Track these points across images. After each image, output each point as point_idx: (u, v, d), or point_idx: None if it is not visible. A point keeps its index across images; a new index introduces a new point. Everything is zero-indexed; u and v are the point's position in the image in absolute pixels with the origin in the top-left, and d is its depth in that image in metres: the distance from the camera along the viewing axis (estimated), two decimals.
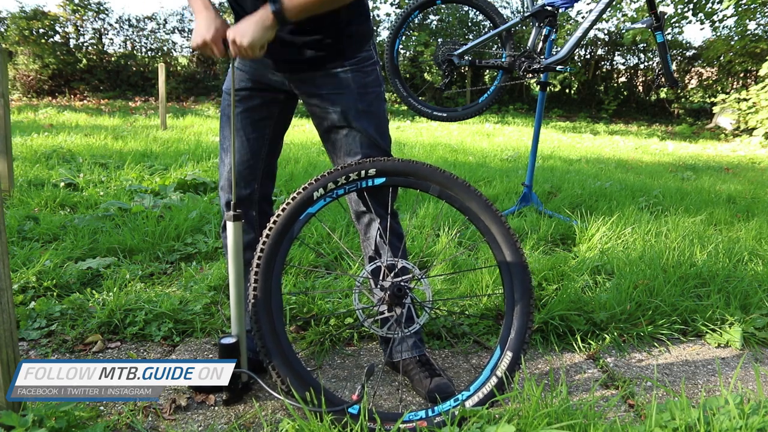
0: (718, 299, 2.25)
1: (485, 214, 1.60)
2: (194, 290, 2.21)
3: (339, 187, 1.55)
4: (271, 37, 1.38)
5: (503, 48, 3.38)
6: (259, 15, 1.35)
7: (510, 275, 1.58)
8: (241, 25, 1.37)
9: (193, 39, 1.42)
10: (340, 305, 2.13)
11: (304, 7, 1.34)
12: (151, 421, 1.46)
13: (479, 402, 1.45)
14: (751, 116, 10.01)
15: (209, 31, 1.38)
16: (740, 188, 5.15)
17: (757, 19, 12.04)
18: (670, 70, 3.33)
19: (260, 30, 1.35)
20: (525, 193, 3.74)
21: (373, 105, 1.59)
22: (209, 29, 1.38)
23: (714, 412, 1.33)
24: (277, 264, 1.48)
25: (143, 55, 14.92)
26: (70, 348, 1.82)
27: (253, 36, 1.34)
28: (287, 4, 1.34)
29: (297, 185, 4.03)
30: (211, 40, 1.38)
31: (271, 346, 1.41)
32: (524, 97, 15.02)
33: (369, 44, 1.60)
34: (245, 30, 1.35)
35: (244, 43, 1.35)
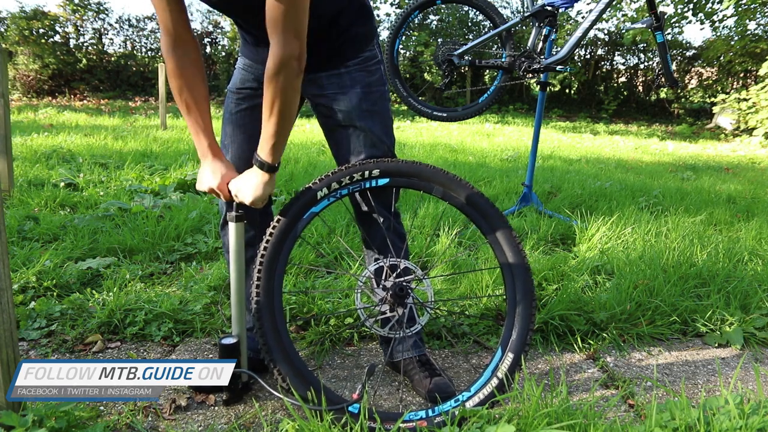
0: (718, 299, 2.25)
1: (487, 215, 1.60)
2: (194, 290, 2.21)
3: (343, 187, 1.55)
4: (272, 189, 1.45)
5: (503, 48, 3.38)
6: (256, 176, 1.42)
7: (512, 276, 1.58)
8: (242, 182, 1.44)
9: (199, 184, 1.50)
10: (340, 305, 2.13)
11: (280, 143, 1.40)
12: (151, 421, 1.46)
13: (480, 402, 1.45)
14: (751, 116, 10.02)
15: (215, 179, 1.46)
16: (740, 188, 5.15)
17: (757, 19, 12.04)
18: (670, 70, 3.33)
19: (260, 189, 1.42)
20: (525, 193, 3.74)
21: (378, 104, 1.59)
22: (215, 177, 1.46)
23: (714, 412, 1.33)
24: (279, 262, 1.48)
25: (143, 55, 14.93)
26: (70, 348, 1.82)
27: (255, 196, 1.42)
28: (268, 156, 1.39)
29: (297, 185, 4.03)
30: (218, 188, 1.47)
31: (273, 344, 1.41)
32: (524, 97, 15.03)
33: (372, 44, 1.60)
34: (246, 191, 1.42)
35: (246, 203, 1.43)
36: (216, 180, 1.46)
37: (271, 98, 1.32)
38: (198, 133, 1.46)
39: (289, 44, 1.26)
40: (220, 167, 1.47)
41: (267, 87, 1.31)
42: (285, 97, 1.32)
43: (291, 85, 1.31)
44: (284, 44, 1.25)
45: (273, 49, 1.27)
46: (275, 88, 1.30)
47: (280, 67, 1.27)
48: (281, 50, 1.26)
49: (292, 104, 1.35)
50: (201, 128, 1.46)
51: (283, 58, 1.26)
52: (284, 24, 1.24)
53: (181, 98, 1.43)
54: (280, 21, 1.23)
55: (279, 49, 1.26)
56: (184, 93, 1.42)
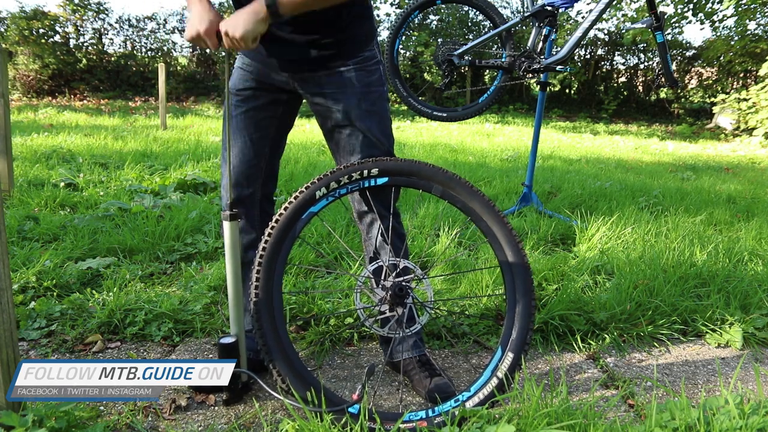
0: (718, 299, 2.25)
1: (487, 214, 1.60)
2: (194, 290, 2.21)
3: (341, 186, 1.55)
4: (263, 29, 1.37)
5: (503, 48, 3.38)
6: (253, 7, 1.34)
7: (512, 276, 1.58)
8: (233, 17, 1.36)
9: (186, 31, 1.41)
10: (340, 305, 2.13)
11: (299, 3, 1.33)
12: (151, 421, 1.45)
13: (480, 402, 1.45)
14: (751, 116, 10.02)
15: (202, 23, 1.37)
16: (740, 188, 5.15)
17: (757, 19, 12.05)
18: (670, 70, 3.33)
19: (252, 22, 1.34)
20: (525, 193, 3.74)
21: (377, 104, 1.59)
22: (202, 22, 1.37)
23: (714, 412, 1.33)
24: (279, 263, 1.47)
25: (143, 55, 14.92)
26: (70, 348, 1.82)
27: (245, 28, 1.33)
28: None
29: (297, 185, 4.03)
30: (205, 33, 1.38)
31: (273, 345, 1.41)
32: (524, 97, 15.03)
33: (372, 43, 1.60)
34: (237, 22, 1.34)
35: (236, 35, 1.34)
36: (203, 25, 1.37)
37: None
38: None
39: None
40: (208, 13, 1.39)
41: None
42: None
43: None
44: None
45: None
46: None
47: None
48: None
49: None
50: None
51: None
52: None
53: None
54: None
55: None
56: None
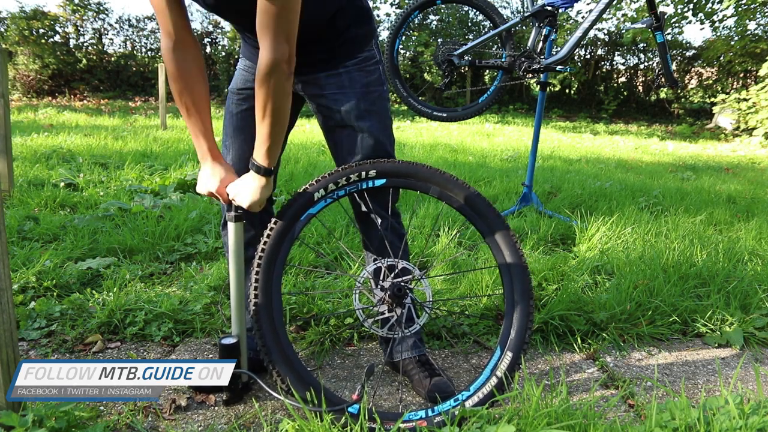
0: (718, 299, 2.25)
1: (485, 214, 1.60)
2: (194, 290, 2.21)
3: (340, 188, 1.55)
4: (269, 192, 1.45)
5: (503, 48, 3.38)
6: (252, 180, 1.42)
7: (510, 276, 1.58)
8: (240, 185, 1.44)
9: (198, 187, 1.50)
10: (340, 305, 2.13)
11: (274, 147, 1.39)
12: (151, 421, 1.46)
13: (479, 402, 1.45)
14: (751, 116, 10.02)
15: (214, 183, 1.47)
16: (740, 188, 5.15)
17: (757, 19, 12.05)
18: (670, 70, 3.33)
19: (258, 193, 1.42)
20: (525, 193, 3.74)
21: (376, 104, 1.59)
22: (214, 181, 1.47)
23: (714, 412, 1.33)
24: (277, 264, 1.48)
25: (143, 55, 14.93)
26: (70, 348, 1.82)
27: (251, 200, 1.42)
28: (264, 160, 1.39)
29: (297, 185, 4.03)
30: (217, 192, 1.47)
31: (272, 346, 1.41)
32: (524, 97, 15.03)
33: (371, 44, 1.60)
34: (244, 195, 1.42)
35: (244, 206, 1.44)
36: (215, 184, 1.46)
37: (263, 101, 1.32)
38: (198, 136, 1.46)
39: (279, 48, 1.25)
40: (219, 171, 1.47)
41: (258, 90, 1.31)
42: (276, 100, 1.31)
43: (282, 88, 1.31)
44: (274, 48, 1.25)
45: (262, 52, 1.26)
46: (266, 91, 1.30)
47: (270, 70, 1.27)
48: (271, 54, 1.25)
49: (284, 107, 1.35)
50: (201, 131, 1.46)
51: (273, 61, 1.26)
52: (274, 28, 1.23)
53: (181, 101, 1.43)
54: (270, 25, 1.23)
55: (269, 52, 1.26)
56: (184, 96, 1.42)
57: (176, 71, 1.39)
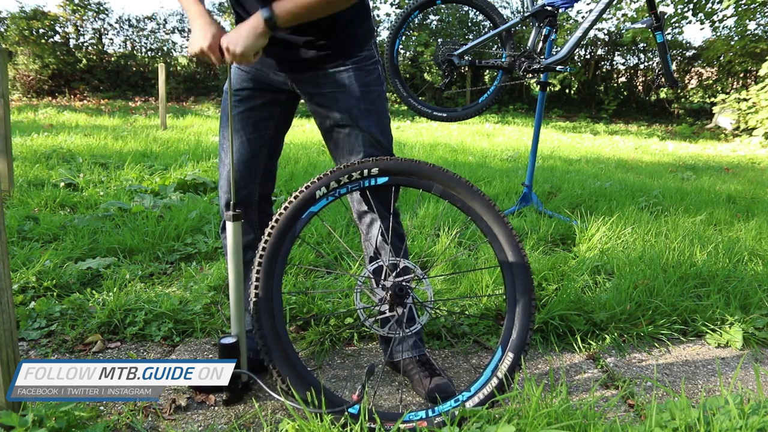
0: (718, 299, 2.25)
1: (487, 214, 1.60)
2: (194, 290, 2.21)
3: (341, 186, 1.55)
4: (263, 43, 1.39)
5: (503, 48, 3.38)
6: (251, 22, 1.37)
7: (512, 276, 1.58)
8: (234, 32, 1.39)
9: (189, 47, 1.44)
10: (340, 305, 2.13)
11: (296, 14, 1.36)
12: (151, 421, 1.46)
13: (480, 402, 1.45)
14: (751, 116, 10.02)
15: (206, 39, 1.40)
16: (740, 188, 5.15)
17: (757, 19, 12.05)
18: (670, 70, 3.33)
19: (252, 37, 1.37)
20: (525, 193, 3.74)
21: (375, 104, 1.59)
22: (206, 37, 1.40)
23: (714, 412, 1.33)
24: (278, 263, 1.47)
25: (143, 55, 14.93)
26: (70, 348, 1.82)
27: (245, 44, 1.36)
28: (279, 11, 1.35)
29: (297, 185, 4.03)
30: (208, 48, 1.40)
31: (272, 345, 1.41)
32: (524, 97, 15.03)
33: (370, 43, 1.60)
34: (238, 38, 1.37)
35: (237, 51, 1.37)
36: (207, 40, 1.39)
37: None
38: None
39: None
40: (210, 28, 1.41)
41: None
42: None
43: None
44: None
45: None
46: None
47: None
48: None
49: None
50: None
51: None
52: None
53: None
54: None
55: None
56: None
57: None
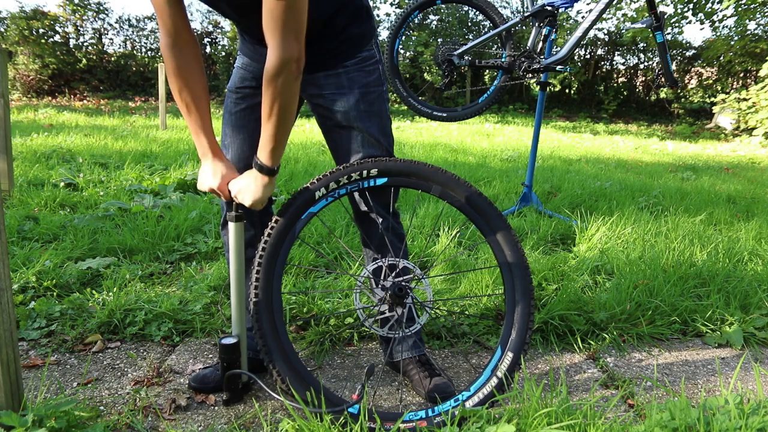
0: (718, 299, 2.25)
1: (486, 214, 1.60)
2: (194, 290, 2.21)
3: (341, 186, 1.55)
4: (271, 191, 1.45)
5: (503, 48, 3.38)
6: (254, 178, 1.41)
7: (511, 276, 1.58)
8: (242, 183, 1.43)
9: (199, 184, 1.49)
10: (340, 305, 2.13)
11: (280, 145, 1.39)
12: (151, 421, 1.46)
13: (479, 402, 1.45)
14: (751, 116, 10.02)
15: (215, 179, 1.46)
16: (740, 188, 5.15)
17: (757, 19, 12.05)
18: (670, 70, 3.33)
19: (260, 191, 1.42)
20: (525, 193, 3.74)
21: (375, 104, 1.59)
22: (215, 178, 1.46)
23: (714, 412, 1.33)
24: (278, 263, 1.48)
25: (143, 55, 14.93)
26: (70, 348, 1.82)
27: (253, 198, 1.42)
28: (267, 158, 1.39)
29: (297, 185, 4.03)
30: (218, 189, 1.46)
31: (272, 345, 1.41)
32: (524, 97, 15.03)
33: (371, 44, 1.59)
34: (246, 192, 1.42)
35: (246, 204, 1.43)
36: (216, 180, 1.46)
37: (270, 101, 1.31)
38: (198, 132, 1.46)
39: (288, 47, 1.24)
40: (220, 167, 1.47)
41: (265, 90, 1.30)
42: (284, 100, 1.31)
43: (290, 88, 1.30)
44: (283, 47, 1.24)
45: (271, 51, 1.25)
46: (274, 91, 1.29)
47: (279, 69, 1.26)
48: (280, 53, 1.24)
49: (291, 107, 1.34)
50: (201, 128, 1.46)
51: (282, 60, 1.25)
52: (283, 26, 1.22)
53: (181, 98, 1.43)
54: (279, 23, 1.22)
55: (278, 51, 1.24)
56: (183, 93, 1.42)
57: (176, 69, 1.39)
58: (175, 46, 1.37)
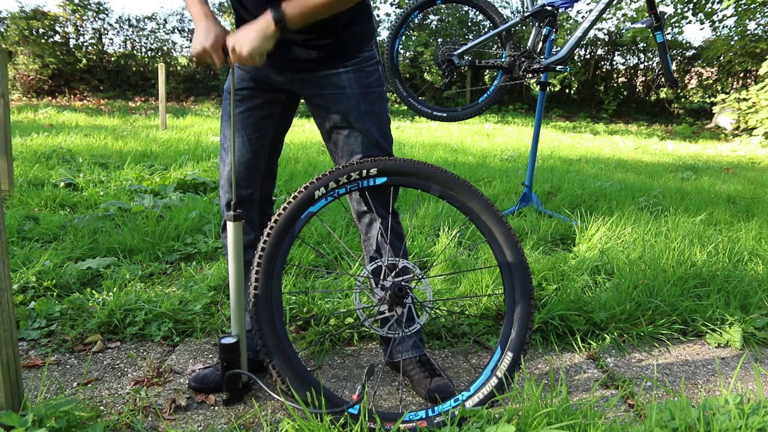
0: (718, 299, 2.25)
1: (486, 214, 1.60)
2: (194, 290, 2.21)
3: (340, 186, 1.55)
4: (271, 45, 1.36)
5: (503, 48, 3.38)
6: (260, 23, 1.33)
7: (511, 276, 1.58)
8: (240, 32, 1.35)
9: (192, 47, 1.40)
10: (340, 305, 2.13)
11: (307, 15, 1.32)
12: (151, 421, 1.46)
13: (479, 402, 1.45)
14: (751, 116, 10.02)
15: (208, 38, 1.37)
16: (740, 188, 5.15)
17: (757, 19, 12.05)
18: (670, 70, 3.33)
19: (260, 38, 1.33)
20: (525, 193, 3.74)
21: (375, 105, 1.59)
22: (208, 37, 1.37)
23: (714, 412, 1.33)
24: (278, 263, 1.48)
25: (143, 55, 14.93)
26: (70, 348, 1.82)
27: (252, 45, 1.33)
28: (289, 12, 1.32)
29: (297, 185, 4.03)
30: (211, 48, 1.37)
31: (272, 346, 1.41)
32: (524, 97, 15.03)
33: (371, 44, 1.59)
34: (245, 38, 1.34)
35: (243, 52, 1.33)
36: (209, 40, 1.36)
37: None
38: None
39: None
40: (214, 28, 1.38)
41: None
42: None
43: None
44: None
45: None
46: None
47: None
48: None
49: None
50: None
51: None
52: None
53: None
54: None
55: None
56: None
57: None
58: None
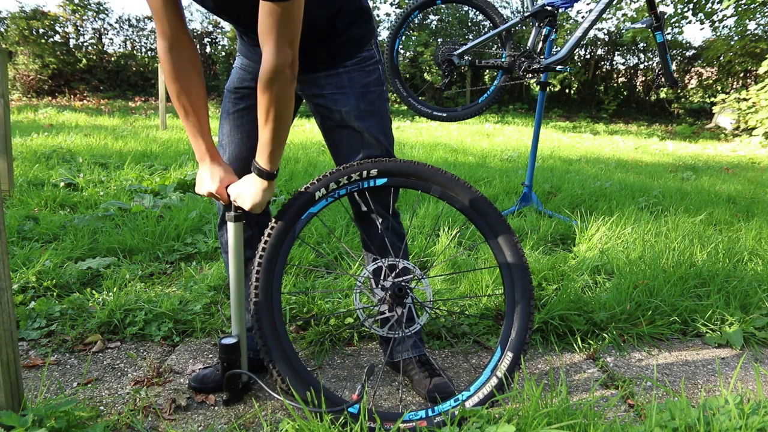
0: (718, 299, 2.25)
1: (486, 214, 1.60)
2: (194, 290, 2.21)
3: (341, 187, 1.55)
4: (271, 195, 1.45)
5: (503, 48, 3.38)
6: (253, 182, 1.42)
7: (511, 276, 1.58)
8: (241, 187, 1.44)
9: (198, 188, 1.50)
10: (340, 305, 2.13)
11: (276, 151, 1.39)
12: (151, 421, 1.46)
13: (479, 402, 1.46)
14: (751, 116, 10.02)
15: (214, 183, 1.46)
16: (740, 188, 5.15)
17: (757, 19, 12.05)
18: (670, 70, 3.33)
19: (260, 194, 1.42)
20: (525, 193, 3.74)
21: (375, 104, 1.59)
22: (214, 181, 1.46)
23: (714, 412, 1.33)
24: (278, 263, 1.48)
25: (143, 55, 14.92)
26: (70, 348, 1.82)
27: (254, 201, 1.43)
28: (263, 162, 1.39)
29: (297, 185, 4.03)
30: (217, 192, 1.47)
31: (273, 345, 1.41)
32: (524, 97, 15.03)
33: (371, 44, 1.60)
34: (247, 195, 1.43)
35: (245, 208, 1.44)
36: (215, 184, 1.46)
37: (266, 107, 1.31)
38: (196, 136, 1.46)
39: (282, 53, 1.24)
40: (218, 171, 1.47)
41: (261, 96, 1.30)
42: (279, 105, 1.31)
43: (285, 93, 1.30)
44: (277, 53, 1.24)
45: (265, 57, 1.26)
46: (269, 96, 1.29)
47: (273, 75, 1.26)
48: (274, 59, 1.25)
49: (287, 111, 1.35)
50: (198, 131, 1.45)
51: (277, 66, 1.25)
52: (277, 32, 1.22)
53: (179, 102, 1.42)
54: (272, 29, 1.22)
55: (272, 57, 1.25)
56: (182, 97, 1.41)
57: (173, 72, 1.39)
58: (173, 50, 1.36)
